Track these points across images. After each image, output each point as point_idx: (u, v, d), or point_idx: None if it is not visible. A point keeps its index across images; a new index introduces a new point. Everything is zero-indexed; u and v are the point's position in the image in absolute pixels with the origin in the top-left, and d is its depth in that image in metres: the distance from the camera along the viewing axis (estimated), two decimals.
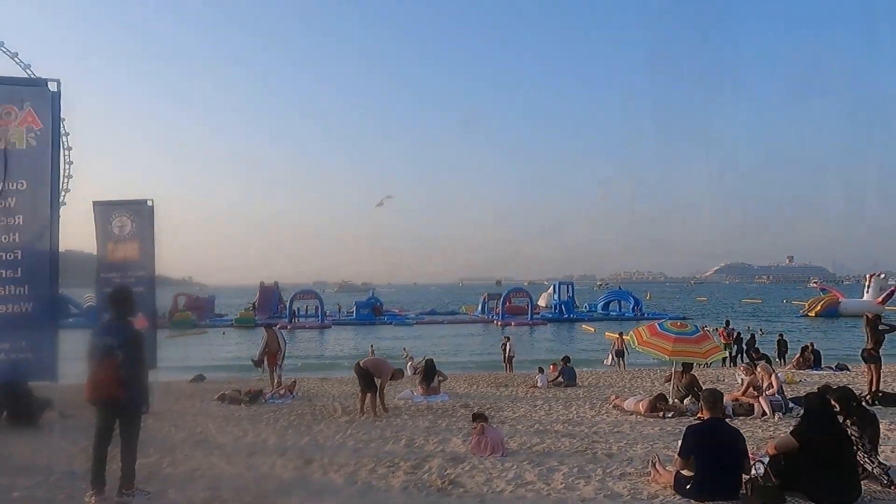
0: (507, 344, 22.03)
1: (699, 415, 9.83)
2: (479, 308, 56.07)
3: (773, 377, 10.34)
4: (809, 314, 54.58)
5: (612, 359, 21.69)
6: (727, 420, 9.39)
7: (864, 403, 10.53)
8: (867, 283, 56.46)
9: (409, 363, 21.02)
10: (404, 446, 7.77)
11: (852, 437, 4.89)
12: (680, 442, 5.07)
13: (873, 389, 11.28)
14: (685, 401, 10.32)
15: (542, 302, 60.24)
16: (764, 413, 9.65)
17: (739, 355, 22.30)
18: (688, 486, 4.73)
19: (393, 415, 10.36)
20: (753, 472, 4.72)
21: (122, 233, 11.42)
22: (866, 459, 4.96)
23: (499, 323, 46.25)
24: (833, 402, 5.19)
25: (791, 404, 10.22)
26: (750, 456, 5.07)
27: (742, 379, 13.83)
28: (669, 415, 9.84)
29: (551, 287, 61.76)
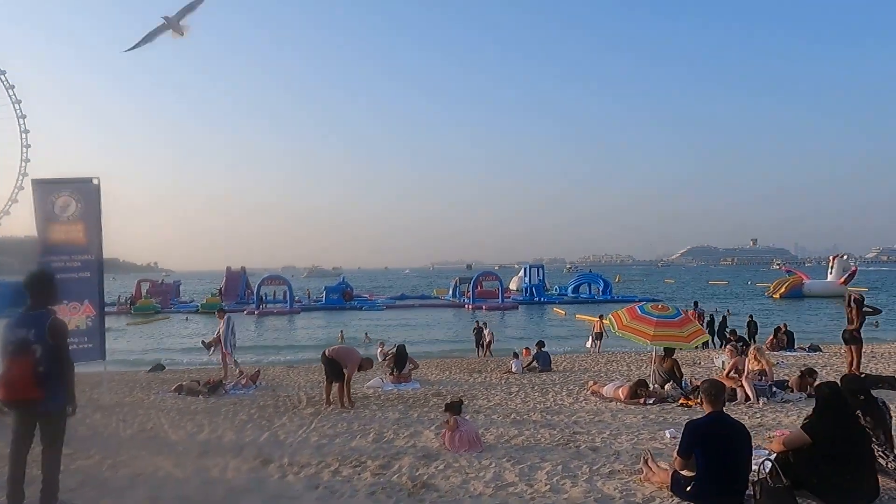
0: (485, 330, 21.52)
1: (681, 401, 9.49)
2: (451, 292, 55.59)
3: (764, 361, 9.96)
4: (774, 296, 55.36)
5: (593, 342, 21.33)
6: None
7: None
8: (830, 265, 57.41)
9: (380, 349, 20.43)
10: (372, 441, 7.17)
11: (867, 431, 4.45)
12: (678, 438, 4.56)
13: (853, 371, 11.03)
14: (666, 386, 9.90)
15: (512, 285, 59.99)
16: (747, 398, 9.28)
17: (712, 337, 22.17)
18: (688, 488, 4.23)
19: (361, 405, 9.76)
20: (761, 471, 4.24)
21: (65, 214, 10.52)
22: (881, 453, 4.54)
23: (470, 307, 45.86)
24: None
25: (774, 389, 9.90)
26: None
27: (724, 361, 13.57)
28: (650, 401, 9.43)
29: (522, 270, 61.55)
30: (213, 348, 14.30)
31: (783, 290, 55.21)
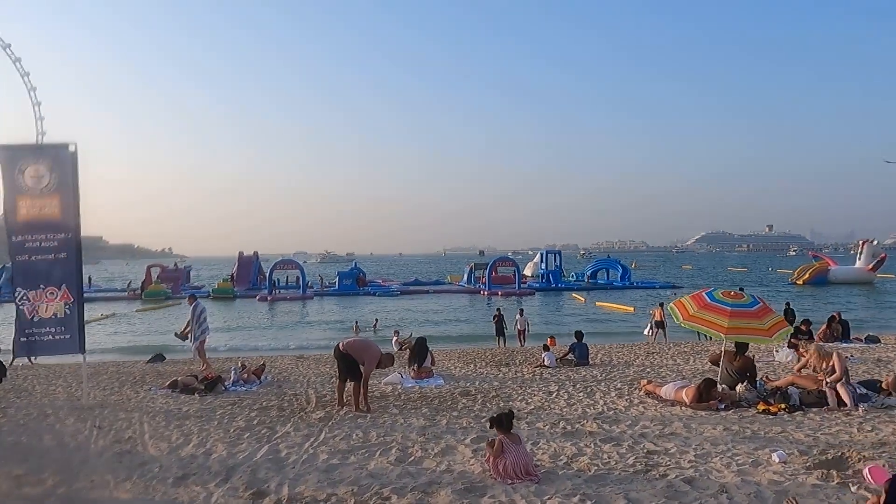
0: (519, 317, 19.98)
1: (761, 406, 7.95)
2: (465, 278, 54.19)
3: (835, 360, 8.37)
4: (798, 282, 53.41)
5: (652, 330, 19.71)
6: (799, 411, 7.45)
7: None
8: (860, 250, 55.19)
9: (395, 338, 19.07)
10: (395, 461, 5.74)
11: None
12: (788, 464, 3.07)
13: None
14: (738, 388, 8.38)
15: (527, 271, 58.35)
16: (842, 403, 7.74)
17: None
18: None
19: (380, 407, 8.34)
20: None
21: (38, 185, 9.12)
22: None
23: (485, 293, 44.46)
24: None
25: (861, 390, 8.34)
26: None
27: (789, 356, 12.07)
28: (722, 406, 7.93)
29: (538, 256, 59.98)
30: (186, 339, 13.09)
31: (807, 276, 53.19)
